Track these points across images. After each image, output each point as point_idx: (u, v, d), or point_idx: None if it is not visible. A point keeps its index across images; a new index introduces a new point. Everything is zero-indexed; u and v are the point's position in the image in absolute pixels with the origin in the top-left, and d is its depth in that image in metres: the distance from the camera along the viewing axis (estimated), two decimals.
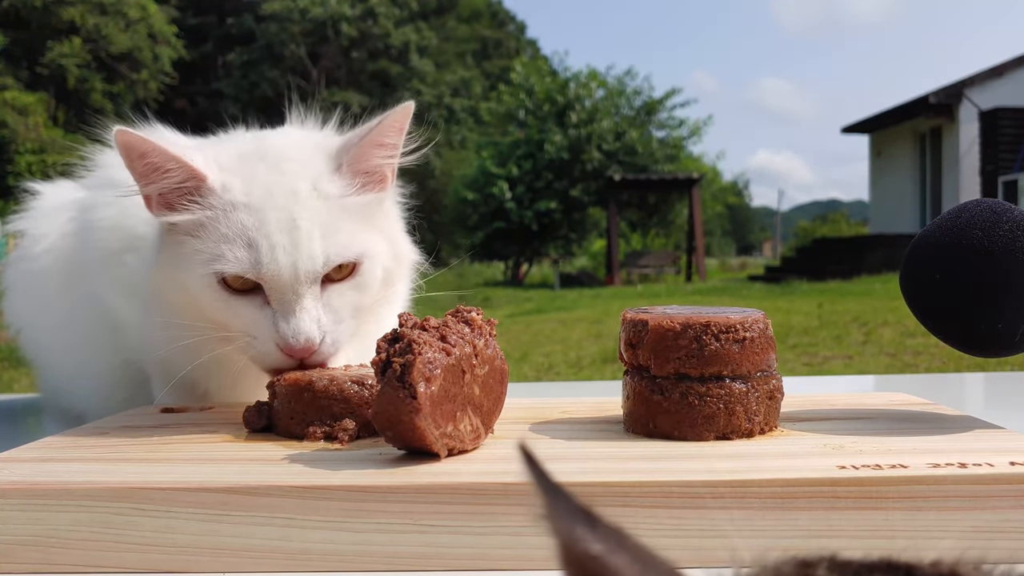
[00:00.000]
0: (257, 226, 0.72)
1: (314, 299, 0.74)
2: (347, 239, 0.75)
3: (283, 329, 0.72)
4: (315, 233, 0.73)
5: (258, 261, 0.72)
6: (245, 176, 0.75)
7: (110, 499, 0.53)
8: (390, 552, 0.52)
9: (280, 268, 0.72)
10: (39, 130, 17.51)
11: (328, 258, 0.73)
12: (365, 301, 0.78)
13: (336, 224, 0.75)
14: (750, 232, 58.88)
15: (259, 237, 0.72)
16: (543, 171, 17.25)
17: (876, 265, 11.90)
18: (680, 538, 0.51)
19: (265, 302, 0.74)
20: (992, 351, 0.66)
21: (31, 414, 1.17)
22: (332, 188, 0.76)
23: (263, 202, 0.73)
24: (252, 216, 0.73)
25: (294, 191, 0.74)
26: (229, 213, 0.73)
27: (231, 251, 0.72)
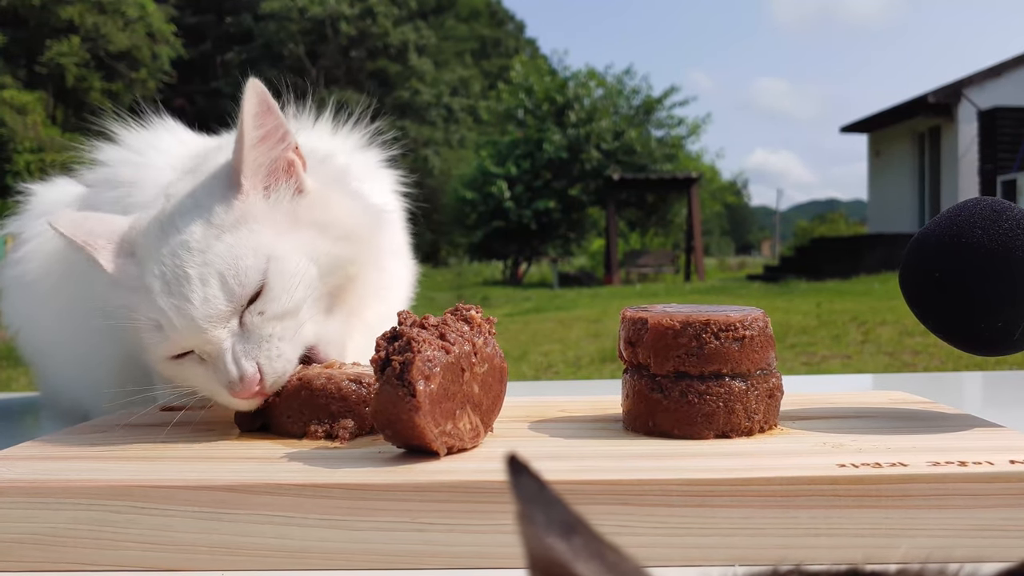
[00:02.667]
0: (154, 302, 0.70)
1: (233, 337, 0.70)
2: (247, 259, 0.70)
3: (222, 379, 0.70)
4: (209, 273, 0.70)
5: (167, 331, 0.70)
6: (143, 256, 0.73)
7: (109, 497, 0.53)
8: (389, 550, 0.52)
9: (184, 324, 0.69)
10: (37, 129, 17.49)
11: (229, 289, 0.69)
12: (287, 306, 0.72)
13: (232, 252, 0.70)
14: (749, 231, 58.92)
15: (160, 306, 0.70)
16: (542, 170, 17.26)
17: (875, 264, 11.91)
18: (679, 536, 0.51)
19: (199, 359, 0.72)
20: (992, 350, 0.66)
21: (29, 413, 1.17)
22: (228, 216, 0.71)
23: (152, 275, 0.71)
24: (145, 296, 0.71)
25: (183, 244, 0.71)
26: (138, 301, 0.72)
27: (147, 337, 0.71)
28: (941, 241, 0.65)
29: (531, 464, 0.25)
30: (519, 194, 17.10)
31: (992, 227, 0.63)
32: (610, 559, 0.23)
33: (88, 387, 0.96)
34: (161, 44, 23.06)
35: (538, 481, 0.25)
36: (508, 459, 0.25)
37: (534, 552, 0.23)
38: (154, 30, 22.78)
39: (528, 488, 0.24)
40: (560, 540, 0.23)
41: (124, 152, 0.89)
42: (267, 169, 0.73)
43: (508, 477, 0.25)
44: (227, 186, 0.73)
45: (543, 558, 0.23)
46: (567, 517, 0.24)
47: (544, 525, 0.23)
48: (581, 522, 0.24)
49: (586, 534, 0.23)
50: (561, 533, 0.23)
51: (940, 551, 0.51)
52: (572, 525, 0.23)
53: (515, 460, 0.25)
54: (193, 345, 0.71)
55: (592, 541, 0.23)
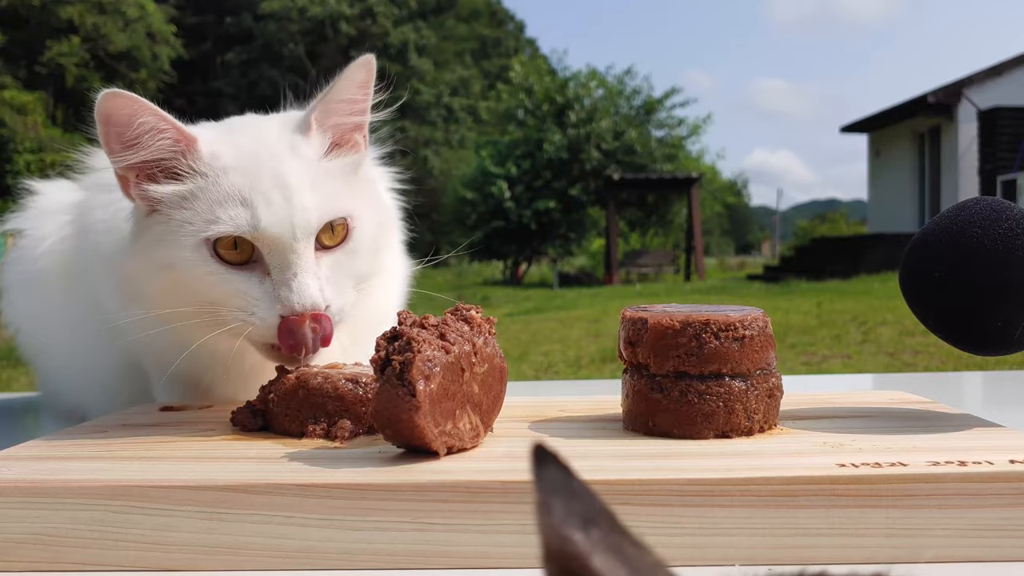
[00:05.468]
0: (250, 185, 0.70)
1: (312, 261, 0.71)
2: (336, 195, 0.74)
3: (286, 296, 0.70)
4: (305, 188, 0.72)
5: (255, 217, 0.69)
6: (228, 142, 0.74)
7: (109, 497, 0.53)
8: (389, 550, 0.52)
9: (279, 223, 0.69)
10: (38, 129, 17.49)
11: (321, 212, 0.72)
12: (361, 268, 0.76)
13: (322, 181, 0.74)
14: (749, 231, 58.91)
15: (253, 195, 0.70)
16: (542, 170, 17.26)
17: (875, 264, 11.91)
18: (679, 536, 0.51)
19: (264, 274, 0.71)
20: (992, 349, 0.66)
21: (30, 412, 1.17)
22: (308, 150, 0.75)
23: (251, 163, 0.72)
24: (243, 177, 0.71)
25: (278, 153, 0.73)
26: (220, 178, 0.71)
27: (226, 212, 0.70)
28: (941, 241, 0.65)
29: (558, 454, 0.25)
30: (519, 194, 17.10)
31: (992, 227, 0.63)
32: (629, 553, 0.22)
33: (88, 387, 0.96)
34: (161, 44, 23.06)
35: (564, 472, 0.24)
36: (534, 448, 0.24)
37: (550, 544, 0.22)
38: (154, 30, 22.78)
39: (551, 479, 0.24)
40: (578, 532, 0.22)
41: None
42: (335, 128, 0.76)
43: (532, 467, 0.24)
44: (303, 125, 0.76)
45: (559, 550, 0.22)
46: (588, 509, 0.23)
47: (562, 517, 0.23)
48: (603, 515, 0.23)
49: (606, 527, 0.23)
50: (580, 525, 0.22)
51: (940, 550, 0.51)
52: (592, 518, 0.23)
53: (541, 449, 0.24)
54: (274, 246, 0.70)
55: (612, 534, 0.23)
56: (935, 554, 0.51)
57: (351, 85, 0.76)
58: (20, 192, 1.03)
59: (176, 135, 0.71)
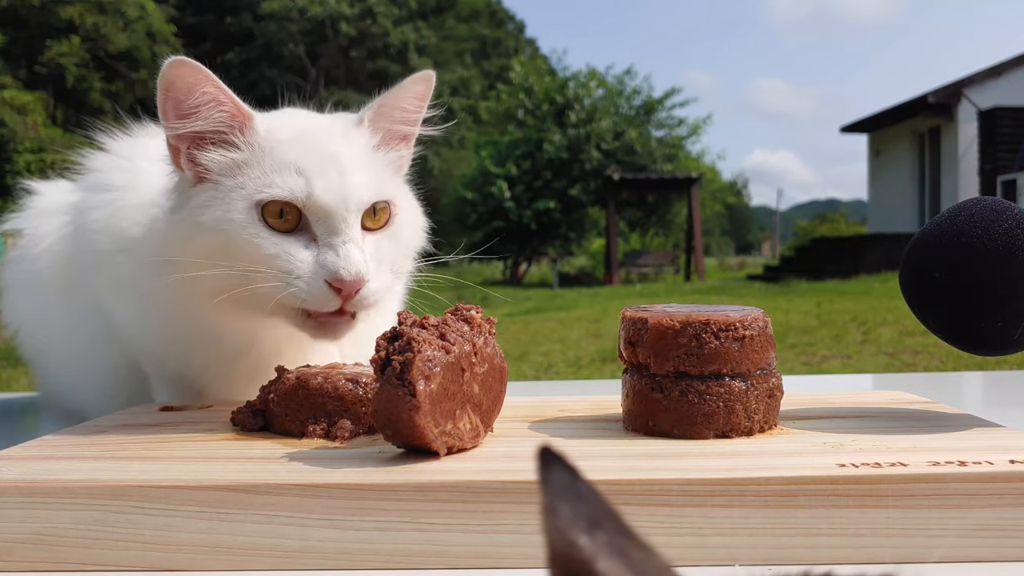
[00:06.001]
0: (305, 158, 0.73)
1: (359, 236, 0.73)
2: (382, 181, 0.77)
3: (333, 262, 0.71)
4: (358, 168, 0.74)
5: (309, 185, 0.71)
6: (284, 122, 0.77)
7: (109, 497, 0.53)
8: (389, 550, 0.52)
9: (330, 191, 0.72)
10: (38, 129, 17.49)
11: (371, 192, 0.74)
12: (399, 255, 0.78)
13: (371, 166, 0.77)
14: (749, 231, 58.90)
15: (308, 166, 0.72)
16: (542, 170, 17.25)
17: (875, 264, 11.91)
18: (679, 536, 0.51)
19: (311, 240, 0.72)
20: (992, 349, 0.66)
21: (29, 413, 1.17)
22: (359, 138, 0.78)
23: (306, 138, 0.75)
24: (299, 148, 0.73)
25: (331, 135, 0.76)
26: (275, 148, 0.73)
27: (280, 179, 0.71)
28: (941, 241, 0.65)
29: (565, 456, 0.24)
30: (519, 194, 17.09)
31: (992, 227, 0.63)
32: (635, 557, 0.22)
33: (87, 387, 0.96)
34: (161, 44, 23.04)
35: (571, 474, 0.24)
36: (540, 451, 0.24)
37: (555, 547, 0.22)
38: (154, 30, 22.77)
39: (558, 481, 0.24)
40: (583, 535, 0.22)
41: (113, 159, 0.90)
42: (386, 131, 0.80)
43: (538, 469, 0.24)
44: (357, 120, 0.79)
45: (564, 554, 0.22)
46: (594, 512, 0.23)
47: (568, 520, 0.22)
48: (610, 518, 0.23)
49: (613, 530, 0.23)
50: (585, 528, 0.22)
51: (940, 550, 0.51)
52: (598, 521, 0.23)
53: (548, 452, 0.24)
54: (324, 216, 0.71)
55: (618, 538, 0.22)
56: (943, 554, 0.51)
57: (408, 95, 0.79)
58: (19, 192, 1.03)
59: (234, 109, 0.74)
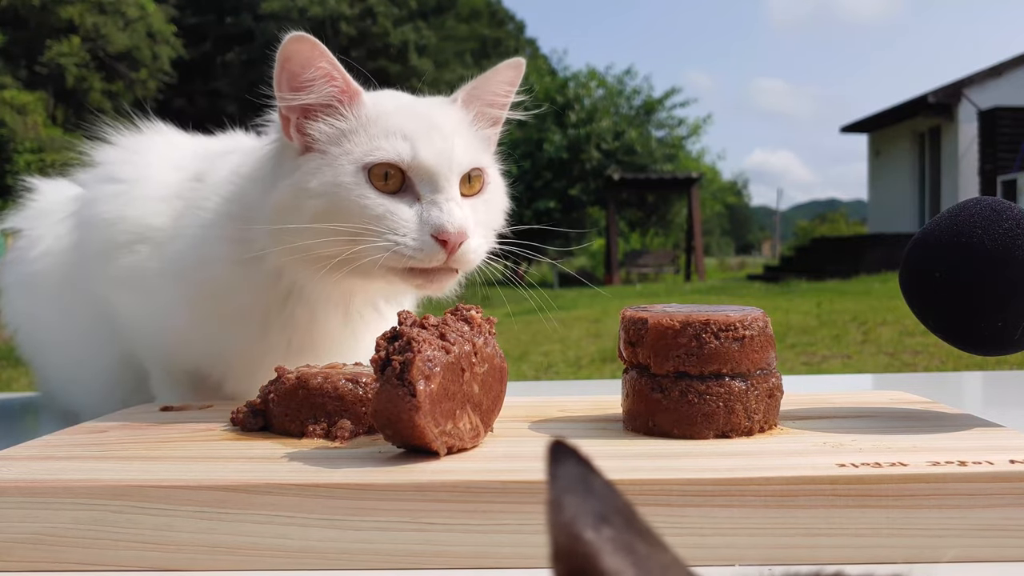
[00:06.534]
0: (409, 123, 0.77)
1: (459, 196, 0.78)
2: (478, 149, 0.81)
3: (437, 217, 0.75)
4: (458, 136, 0.78)
5: (415, 148, 0.75)
6: (388, 97, 0.81)
7: (109, 497, 0.53)
8: (389, 550, 0.52)
9: (436, 154, 0.75)
10: (38, 129, 17.49)
11: (470, 158, 0.79)
12: (493, 220, 0.83)
13: (468, 135, 0.81)
14: (749, 231, 58.90)
15: (412, 131, 0.76)
16: (542, 170, 17.24)
17: (875, 264, 11.91)
18: (679, 536, 0.51)
19: (414, 199, 0.76)
20: (992, 349, 0.66)
21: (29, 413, 1.17)
22: (456, 112, 0.82)
23: (412, 108, 0.79)
24: (405, 118, 0.77)
25: (432, 107, 0.81)
26: (381, 117, 0.77)
27: (388, 143, 0.76)
28: (941, 241, 0.65)
29: (579, 451, 0.24)
30: (519, 194, 17.08)
31: (992, 227, 0.63)
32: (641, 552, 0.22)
33: (85, 386, 0.96)
34: (161, 44, 23.04)
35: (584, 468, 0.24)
36: (551, 445, 0.24)
37: (559, 543, 0.22)
38: (154, 30, 22.76)
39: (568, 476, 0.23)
40: (589, 530, 0.22)
41: (122, 152, 0.90)
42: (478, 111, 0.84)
43: (548, 464, 0.24)
44: (451, 99, 0.84)
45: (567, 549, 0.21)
46: (603, 507, 0.22)
47: (573, 515, 0.22)
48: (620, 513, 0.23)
49: (620, 525, 0.22)
50: (592, 523, 0.22)
51: (939, 551, 0.51)
52: (606, 516, 0.22)
53: (559, 446, 0.24)
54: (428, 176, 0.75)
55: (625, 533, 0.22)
56: (955, 554, 0.51)
57: (499, 79, 0.83)
58: (20, 190, 1.03)
59: (344, 85, 0.77)
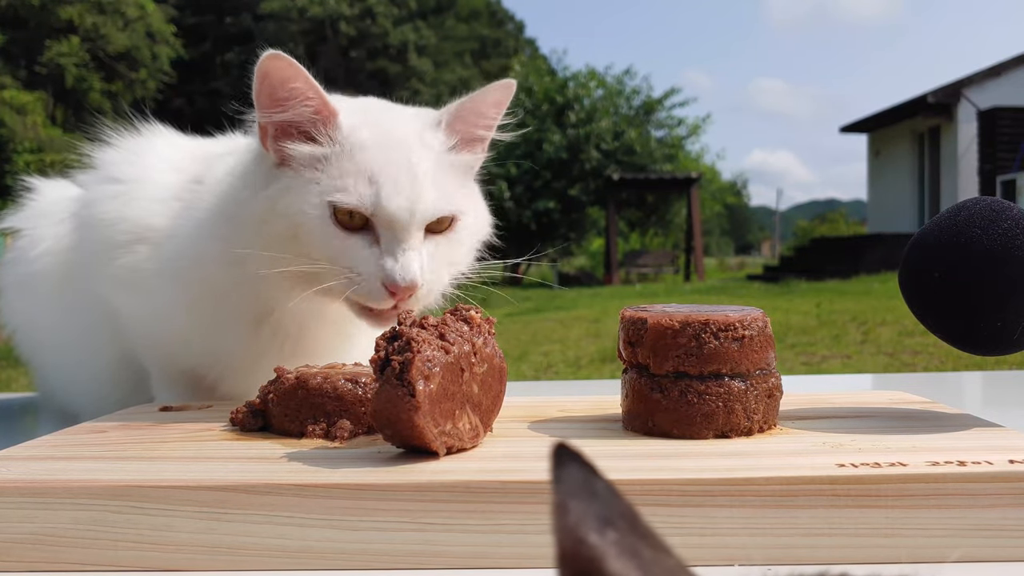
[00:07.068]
0: (380, 166, 0.75)
1: (419, 243, 0.77)
2: (451, 191, 0.79)
3: (390, 267, 0.74)
4: (429, 180, 0.77)
5: (378, 196, 0.74)
6: (367, 121, 0.79)
7: (108, 497, 0.53)
8: (388, 550, 0.52)
9: (398, 207, 0.75)
10: (37, 129, 17.49)
11: (438, 205, 0.77)
12: (458, 258, 0.82)
13: (442, 175, 0.79)
14: (749, 231, 58.93)
15: (381, 176, 0.75)
16: (542, 170, 17.25)
17: (874, 264, 11.91)
18: (679, 536, 0.51)
19: (373, 241, 0.76)
20: (991, 349, 0.66)
21: (28, 413, 1.17)
22: (435, 142, 0.80)
23: (385, 144, 0.77)
24: (375, 155, 0.76)
25: (409, 139, 0.78)
26: (354, 151, 0.76)
27: (353, 185, 0.75)
28: (941, 241, 0.65)
29: (582, 454, 0.24)
30: (519, 194, 17.09)
31: (991, 227, 0.63)
32: (646, 556, 0.22)
33: (84, 386, 0.96)
34: (161, 44, 23.04)
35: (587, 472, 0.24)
36: (555, 448, 0.24)
37: (564, 546, 0.22)
38: (154, 30, 22.76)
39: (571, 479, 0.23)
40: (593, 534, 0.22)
41: (122, 153, 0.90)
42: (465, 132, 0.82)
43: (552, 467, 0.24)
44: (435, 119, 0.82)
45: (573, 553, 0.22)
46: (608, 511, 0.23)
47: (578, 518, 0.22)
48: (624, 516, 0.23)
49: (625, 529, 0.22)
50: (596, 527, 0.22)
51: (940, 551, 0.51)
52: (610, 519, 0.22)
53: (563, 449, 0.24)
54: (389, 225, 0.75)
55: (629, 536, 0.22)
56: (960, 554, 0.51)
57: (487, 102, 0.82)
58: (19, 190, 1.03)
59: (320, 106, 0.76)
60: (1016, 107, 12.69)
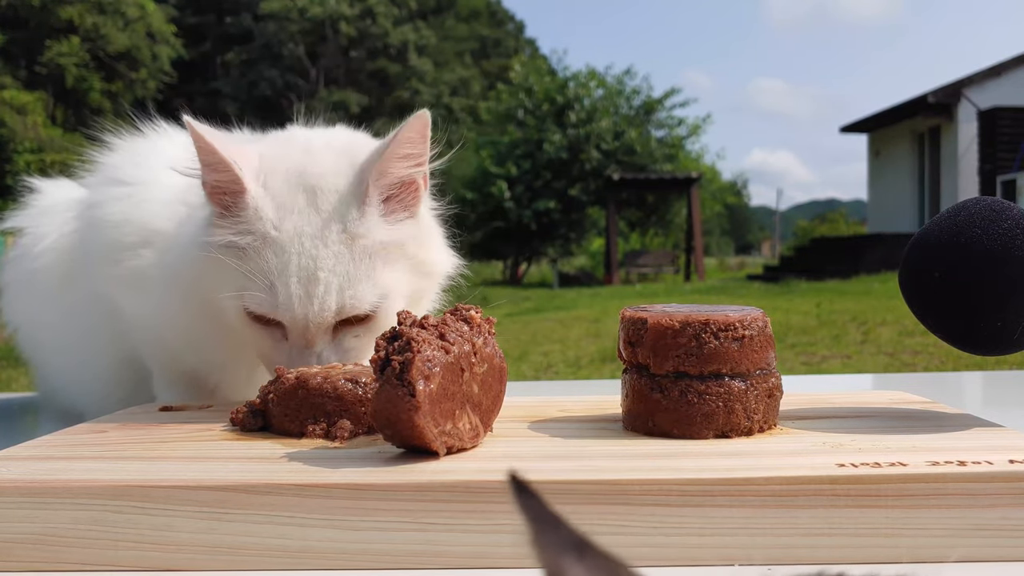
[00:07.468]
0: (279, 270, 0.74)
1: (324, 344, 0.76)
2: (365, 290, 0.75)
3: (299, 364, 0.75)
4: (333, 286, 0.74)
5: (275, 305, 0.74)
6: (280, 204, 0.75)
7: (109, 497, 0.53)
8: (389, 550, 0.52)
9: (294, 318, 0.74)
10: (37, 129, 17.50)
11: (342, 310, 0.75)
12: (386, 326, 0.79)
13: (356, 273, 0.75)
14: (749, 231, 58.94)
15: (278, 283, 0.74)
16: (542, 170, 17.26)
17: (874, 264, 11.92)
18: (679, 536, 0.51)
19: (284, 336, 0.77)
20: (991, 349, 0.66)
21: (29, 413, 1.17)
22: (360, 226, 0.76)
23: (290, 242, 0.74)
24: (277, 257, 0.74)
25: (322, 235, 0.75)
26: (259, 247, 0.75)
27: (253, 292, 0.74)
28: (941, 241, 0.65)
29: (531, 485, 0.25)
30: (519, 194, 17.09)
31: (992, 227, 0.63)
32: None
33: (86, 385, 0.96)
34: (161, 44, 23.05)
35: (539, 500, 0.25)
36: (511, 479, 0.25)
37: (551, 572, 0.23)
38: (154, 30, 22.77)
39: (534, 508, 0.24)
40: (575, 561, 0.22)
41: (127, 155, 0.90)
42: (395, 182, 0.78)
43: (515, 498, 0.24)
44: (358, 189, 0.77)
45: None
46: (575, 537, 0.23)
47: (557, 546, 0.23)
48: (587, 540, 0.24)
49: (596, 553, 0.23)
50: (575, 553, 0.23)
51: (940, 551, 0.51)
52: (581, 544, 0.23)
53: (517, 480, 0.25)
54: (290, 330, 0.75)
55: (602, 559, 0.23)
56: (961, 554, 0.51)
57: (408, 140, 0.76)
58: (21, 190, 1.03)
59: (229, 177, 0.75)
60: (1016, 107, 12.70)
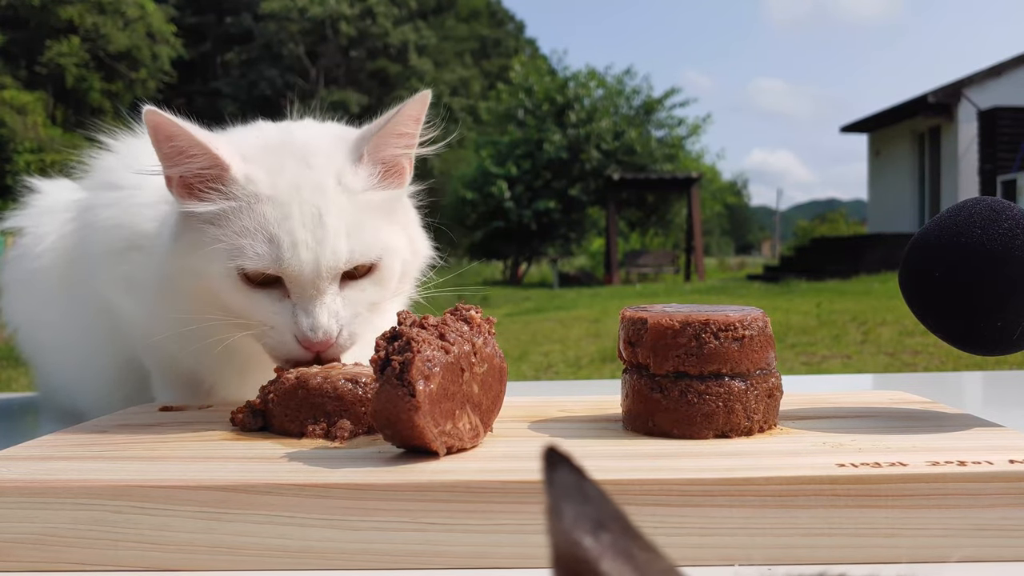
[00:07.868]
0: (280, 220, 0.72)
1: (334, 294, 0.74)
2: (371, 237, 0.75)
3: (302, 322, 0.73)
4: (341, 230, 0.73)
5: (279, 257, 0.72)
6: (271, 168, 0.75)
7: (109, 497, 0.53)
8: (389, 550, 0.52)
9: (302, 265, 0.72)
10: (37, 129, 17.51)
11: (352, 256, 0.74)
12: (383, 295, 0.78)
13: (360, 221, 0.75)
14: (749, 231, 58.94)
15: (281, 233, 0.72)
16: (542, 170, 17.26)
17: (875, 264, 11.92)
18: (679, 536, 0.51)
19: (284, 295, 0.74)
20: (991, 349, 0.66)
21: (29, 413, 1.17)
22: (355, 182, 0.76)
23: (289, 196, 0.73)
24: (276, 210, 0.73)
25: (321, 185, 0.74)
26: (252, 205, 0.73)
27: (251, 246, 0.72)
28: (941, 241, 0.65)
29: (572, 457, 0.24)
30: (519, 194, 17.09)
31: (991, 227, 0.63)
32: (640, 558, 0.22)
33: (86, 385, 0.96)
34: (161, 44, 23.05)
35: (577, 475, 0.24)
36: (546, 452, 0.24)
37: (559, 549, 0.22)
38: (154, 30, 22.77)
39: (563, 482, 0.24)
40: (587, 536, 0.22)
41: (121, 158, 0.90)
42: (388, 158, 0.78)
43: (543, 470, 0.24)
44: (354, 153, 0.77)
45: (568, 555, 0.22)
46: (599, 513, 0.23)
47: (572, 521, 0.22)
48: (616, 519, 0.23)
49: (617, 531, 0.23)
50: (590, 529, 0.22)
51: (939, 551, 0.51)
52: (603, 522, 0.23)
53: (554, 453, 0.24)
54: (296, 282, 0.73)
55: (622, 539, 0.22)
56: (962, 554, 0.51)
57: (407, 119, 0.77)
58: (21, 190, 1.03)
59: (207, 161, 0.73)
60: (1016, 107, 12.69)
